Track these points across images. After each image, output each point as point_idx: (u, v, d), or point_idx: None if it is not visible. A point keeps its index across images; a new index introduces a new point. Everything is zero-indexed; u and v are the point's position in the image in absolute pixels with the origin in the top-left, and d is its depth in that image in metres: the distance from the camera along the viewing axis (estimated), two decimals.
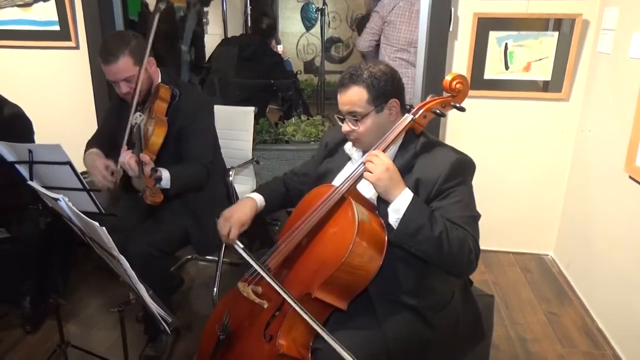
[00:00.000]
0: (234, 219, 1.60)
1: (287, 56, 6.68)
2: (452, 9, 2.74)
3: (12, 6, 3.12)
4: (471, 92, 2.83)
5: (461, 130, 2.98)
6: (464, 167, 1.46)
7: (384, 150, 1.42)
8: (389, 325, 1.43)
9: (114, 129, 2.08)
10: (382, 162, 1.36)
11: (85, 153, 2.06)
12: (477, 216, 1.44)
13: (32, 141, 2.39)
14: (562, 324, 2.48)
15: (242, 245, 1.54)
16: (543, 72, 2.80)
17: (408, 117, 1.43)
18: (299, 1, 6.94)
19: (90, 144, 2.16)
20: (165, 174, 1.84)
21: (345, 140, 1.64)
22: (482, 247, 1.40)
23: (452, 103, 1.47)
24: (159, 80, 2.04)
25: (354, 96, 1.46)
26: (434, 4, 2.76)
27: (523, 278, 2.91)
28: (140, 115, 1.92)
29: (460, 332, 1.60)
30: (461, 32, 2.81)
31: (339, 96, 1.50)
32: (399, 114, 1.50)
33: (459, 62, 2.86)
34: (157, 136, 1.84)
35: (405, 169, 1.46)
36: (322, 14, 4.84)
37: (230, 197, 2.41)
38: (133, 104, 1.87)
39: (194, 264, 3.04)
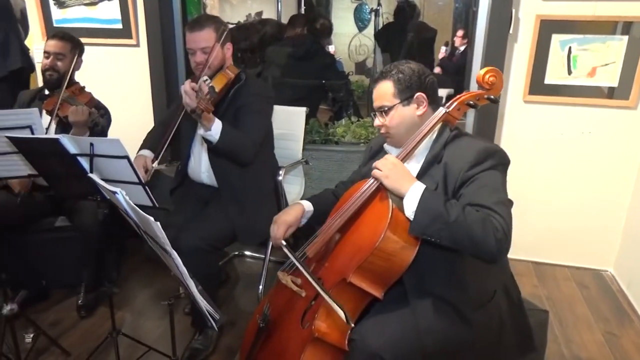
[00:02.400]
0: (280, 220, 1.68)
1: (339, 57, 6.68)
2: (513, 10, 2.65)
3: (80, 5, 3.27)
4: (530, 97, 2.77)
5: (518, 135, 2.87)
6: (490, 154, 1.45)
7: (418, 143, 1.47)
8: (422, 317, 1.43)
9: (176, 112, 2.18)
10: (388, 160, 1.44)
11: (139, 149, 2.17)
12: (505, 201, 1.40)
13: (106, 134, 2.52)
14: (622, 346, 2.34)
15: (284, 243, 1.60)
16: (609, 78, 2.66)
17: (442, 110, 1.48)
18: (353, 2, 6.91)
19: (148, 135, 2.33)
20: (218, 123, 1.93)
21: None
22: (535, 258, 1.36)
23: (485, 96, 1.50)
24: (231, 64, 2.18)
25: (382, 90, 1.54)
26: (493, 4, 2.67)
27: (579, 294, 2.77)
28: (206, 79, 2.04)
29: (506, 340, 1.56)
30: (522, 34, 2.71)
31: (373, 93, 1.59)
32: (427, 108, 1.54)
33: (518, 66, 2.76)
34: (216, 83, 2.00)
35: (435, 159, 1.50)
36: (376, 15, 4.80)
37: (278, 196, 2.42)
38: (201, 74, 2.01)
39: (241, 261, 3.08)
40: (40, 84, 3.15)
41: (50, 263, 2.58)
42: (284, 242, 1.61)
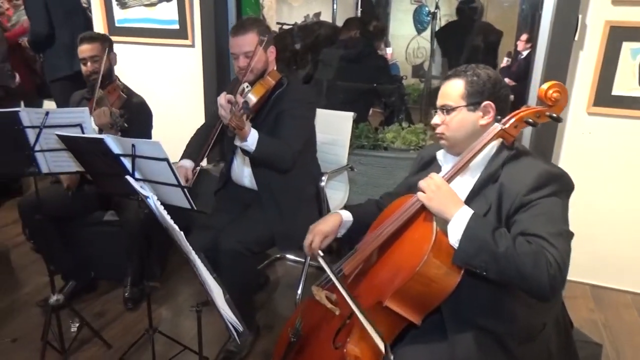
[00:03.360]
0: (316, 229, 1.63)
1: (396, 59, 6.55)
2: (580, 16, 2.47)
3: (140, 5, 3.37)
4: (595, 109, 2.58)
5: (580, 150, 2.68)
6: (553, 179, 1.32)
7: (470, 159, 1.37)
8: (460, 348, 1.33)
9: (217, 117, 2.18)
10: (433, 181, 1.33)
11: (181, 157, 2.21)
12: (565, 232, 1.27)
13: (150, 132, 2.57)
14: None
15: (322, 254, 1.55)
16: None
17: (497, 127, 1.36)
18: (412, 3, 6.76)
19: (191, 139, 2.35)
20: (254, 133, 1.91)
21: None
22: (593, 281, 1.23)
23: (547, 113, 1.36)
24: (274, 69, 2.16)
25: (450, 88, 1.46)
26: (558, 9, 2.51)
27: None
28: (247, 86, 2.05)
29: None
30: (588, 41, 2.53)
31: (440, 90, 1.49)
32: (492, 119, 1.42)
33: (583, 75, 2.58)
34: (254, 93, 1.99)
35: (490, 178, 1.39)
36: (434, 18, 4.66)
37: (320, 202, 2.38)
38: (243, 79, 2.02)
39: (282, 264, 3.07)
40: None
41: (98, 255, 2.68)
42: (321, 253, 1.56)
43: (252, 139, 1.91)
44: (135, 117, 2.37)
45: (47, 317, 2.10)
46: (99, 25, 3.51)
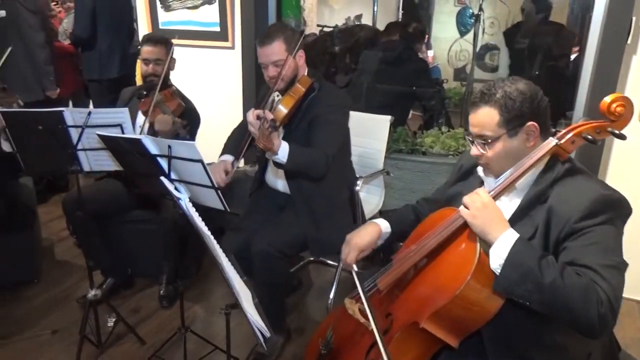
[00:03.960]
0: (354, 242, 1.56)
1: (437, 62, 6.45)
2: (634, 18, 2.35)
3: (182, 8, 3.43)
4: None
5: (630, 159, 2.54)
6: (609, 205, 1.21)
7: (519, 177, 1.26)
8: None
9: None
10: (479, 198, 1.24)
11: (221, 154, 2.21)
12: (619, 265, 1.17)
13: (195, 134, 2.61)
14: None
15: (356, 269, 1.50)
16: None
17: (552, 142, 1.25)
18: (456, 5, 6.63)
19: (229, 139, 2.35)
20: (284, 145, 1.89)
21: None
22: None
23: (609, 129, 1.24)
24: (305, 73, 2.12)
25: (483, 118, 1.32)
26: (610, 10, 2.39)
27: None
28: (278, 96, 2.04)
29: None
30: None
31: (469, 116, 1.36)
32: (538, 138, 1.31)
33: (635, 82, 2.44)
34: (283, 105, 1.95)
35: (539, 198, 1.28)
36: (477, 20, 4.54)
37: (354, 207, 2.35)
38: (274, 87, 2.00)
39: (316, 267, 3.06)
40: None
41: (136, 253, 2.74)
42: (355, 268, 1.51)
43: (282, 152, 1.88)
44: (192, 124, 2.46)
45: (85, 311, 2.16)
46: (144, 27, 3.60)
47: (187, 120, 2.38)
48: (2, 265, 2.56)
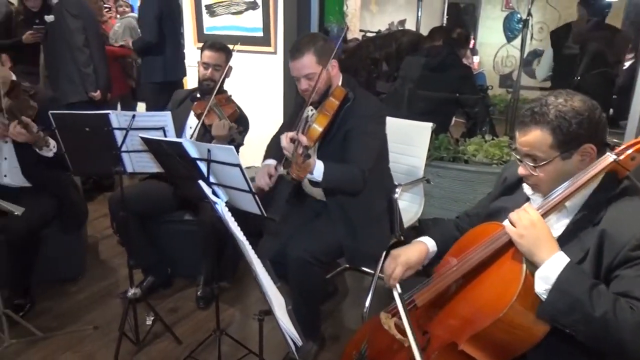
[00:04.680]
0: (401, 259, 1.50)
1: (483, 68, 6.31)
2: None
3: (227, 14, 3.49)
4: None
5: None
6: None
7: (570, 196, 1.18)
8: None
9: (292, 124, 2.17)
10: (527, 216, 1.16)
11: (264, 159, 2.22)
12: None
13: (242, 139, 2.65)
14: None
15: (399, 291, 1.44)
16: None
17: (609, 157, 1.15)
18: (504, 10, 6.48)
19: (273, 138, 2.35)
20: (319, 165, 1.86)
21: None
22: None
23: None
24: (339, 83, 2.09)
25: (534, 139, 1.22)
26: None
27: None
28: (312, 110, 2.01)
29: None
30: None
31: (517, 134, 1.27)
32: (594, 159, 1.21)
33: None
34: (317, 124, 1.91)
35: (591, 219, 1.19)
36: (525, 25, 4.41)
37: (392, 215, 2.31)
38: (308, 100, 1.96)
39: (352, 274, 3.03)
40: (190, 86, 3.46)
41: (176, 253, 2.79)
42: (399, 289, 1.45)
43: (317, 171, 1.85)
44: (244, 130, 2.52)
45: (125, 309, 2.22)
46: (189, 32, 3.69)
47: (241, 125, 2.43)
48: (51, 261, 2.66)
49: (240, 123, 2.51)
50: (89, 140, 2.04)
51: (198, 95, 2.65)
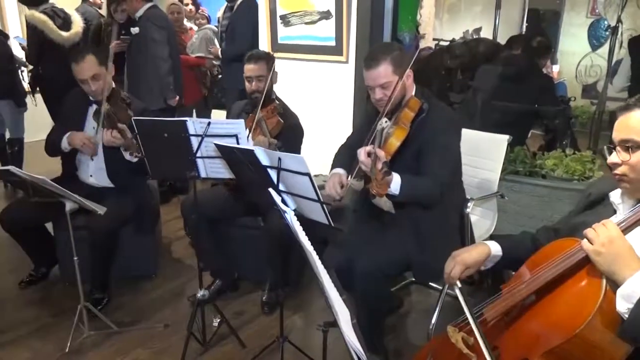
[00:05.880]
0: (459, 257, 1.50)
1: (563, 78, 5.99)
2: None
3: (301, 24, 3.55)
4: None
5: None
6: None
7: None
8: None
9: (363, 134, 2.16)
10: (605, 231, 1.10)
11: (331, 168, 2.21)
12: None
13: (299, 149, 2.67)
14: None
15: (459, 286, 1.43)
16: None
17: None
18: (589, 17, 6.13)
19: (342, 147, 2.34)
20: (396, 178, 1.82)
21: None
22: None
23: None
24: (413, 93, 2.05)
25: (636, 120, 1.20)
26: None
27: None
28: (386, 122, 1.98)
29: None
30: None
31: (616, 122, 1.24)
32: None
33: None
34: (395, 138, 1.88)
35: None
36: (614, 33, 4.12)
37: (463, 230, 2.23)
38: (383, 111, 1.94)
39: (418, 288, 2.95)
40: None
41: (243, 257, 2.85)
42: (458, 285, 1.44)
43: (394, 185, 1.82)
44: (291, 139, 2.54)
45: (194, 310, 2.28)
46: (264, 41, 3.78)
47: (288, 136, 2.46)
48: (128, 259, 2.81)
49: (287, 134, 2.51)
50: (167, 146, 2.13)
51: (250, 109, 2.67)
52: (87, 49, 2.61)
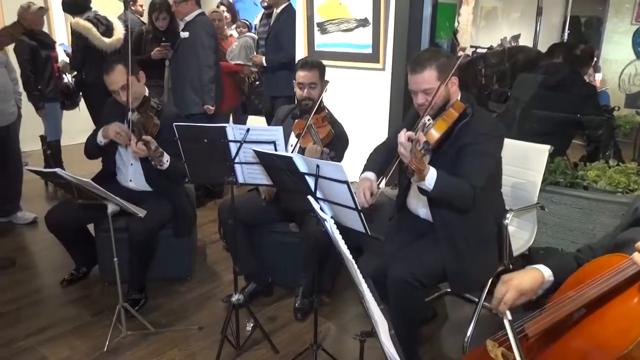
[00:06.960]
0: (514, 282, 1.40)
1: (606, 86, 5.81)
2: None
3: (338, 31, 3.56)
4: None
5: None
6: None
7: None
8: None
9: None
10: None
11: (363, 169, 2.20)
12: None
13: (342, 157, 2.67)
14: None
15: (510, 318, 1.34)
16: None
17: None
18: (634, 24, 5.93)
19: (379, 146, 2.36)
20: (432, 172, 1.80)
21: None
22: None
23: None
24: (458, 98, 2.04)
25: None
26: None
27: None
28: (429, 119, 1.96)
29: None
30: None
31: None
32: None
33: None
34: (436, 128, 1.85)
35: None
36: None
37: (501, 241, 2.18)
38: (425, 115, 1.93)
39: (453, 299, 2.90)
40: None
41: (278, 263, 2.86)
42: (509, 316, 1.34)
43: (430, 178, 1.80)
44: (340, 149, 2.56)
45: (228, 313, 2.31)
46: (301, 49, 3.81)
47: (336, 146, 2.45)
48: (164, 262, 2.86)
49: (335, 143, 2.51)
50: (206, 151, 2.16)
51: (299, 114, 2.68)
52: (117, 60, 2.65)
